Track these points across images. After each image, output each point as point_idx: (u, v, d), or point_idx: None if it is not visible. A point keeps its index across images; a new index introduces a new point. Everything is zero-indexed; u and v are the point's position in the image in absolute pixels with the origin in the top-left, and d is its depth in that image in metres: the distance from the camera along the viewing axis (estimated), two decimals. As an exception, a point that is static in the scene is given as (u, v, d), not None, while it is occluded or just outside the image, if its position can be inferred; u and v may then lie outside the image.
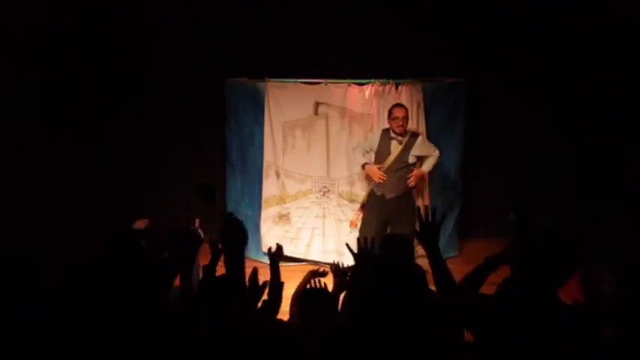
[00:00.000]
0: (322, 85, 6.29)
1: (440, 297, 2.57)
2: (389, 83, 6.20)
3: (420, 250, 6.27)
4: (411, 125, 6.24)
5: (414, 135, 5.74)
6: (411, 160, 5.64)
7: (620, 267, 2.25)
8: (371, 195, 5.77)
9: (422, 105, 6.29)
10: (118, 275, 1.97)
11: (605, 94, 6.25)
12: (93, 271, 1.99)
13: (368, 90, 6.21)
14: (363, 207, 5.93)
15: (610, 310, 2.32)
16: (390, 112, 5.66)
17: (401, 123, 5.55)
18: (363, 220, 5.83)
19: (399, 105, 5.70)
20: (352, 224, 6.02)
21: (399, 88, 6.22)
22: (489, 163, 7.20)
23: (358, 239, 3.07)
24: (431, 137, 6.40)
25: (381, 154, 5.69)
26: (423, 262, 2.71)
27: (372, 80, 6.21)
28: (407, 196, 5.68)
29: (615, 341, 2.17)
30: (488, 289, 2.62)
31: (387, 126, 5.76)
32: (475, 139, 6.88)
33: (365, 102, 6.21)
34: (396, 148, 5.62)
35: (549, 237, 2.53)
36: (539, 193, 7.08)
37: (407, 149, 5.63)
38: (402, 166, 5.61)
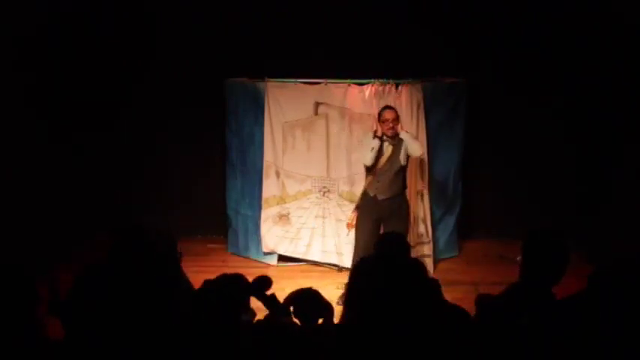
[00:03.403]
0: (322, 85, 6.29)
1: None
2: (389, 83, 6.19)
3: (418, 250, 6.32)
4: (411, 125, 6.24)
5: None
6: (403, 161, 5.51)
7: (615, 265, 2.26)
8: (364, 195, 5.67)
9: (422, 105, 6.28)
10: (124, 281, 1.97)
11: (605, 94, 6.25)
12: (102, 280, 1.99)
13: (368, 90, 6.20)
14: (358, 208, 5.82)
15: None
16: (379, 115, 5.52)
17: (391, 125, 5.40)
18: (357, 220, 5.73)
19: (388, 107, 5.54)
20: (349, 226, 5.90)
21: (399, 88, 6.21)
22: (489, 163, 7.20)
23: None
24: (431, 137, 6.41)
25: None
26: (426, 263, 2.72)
27: (372, 80, 6.20)
28: (400, 196, 5.61)
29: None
30: (489, 288, 2.62)
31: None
32: (475, 139, 6.88)
33: (365, 102, 6.20)
34: (387, 149, 5.50)
35: (539, 236, 2.54)
36: (539, 193, 7.10)
37: (398, 150, 5.49)
38: (395, 168, 5.51)
